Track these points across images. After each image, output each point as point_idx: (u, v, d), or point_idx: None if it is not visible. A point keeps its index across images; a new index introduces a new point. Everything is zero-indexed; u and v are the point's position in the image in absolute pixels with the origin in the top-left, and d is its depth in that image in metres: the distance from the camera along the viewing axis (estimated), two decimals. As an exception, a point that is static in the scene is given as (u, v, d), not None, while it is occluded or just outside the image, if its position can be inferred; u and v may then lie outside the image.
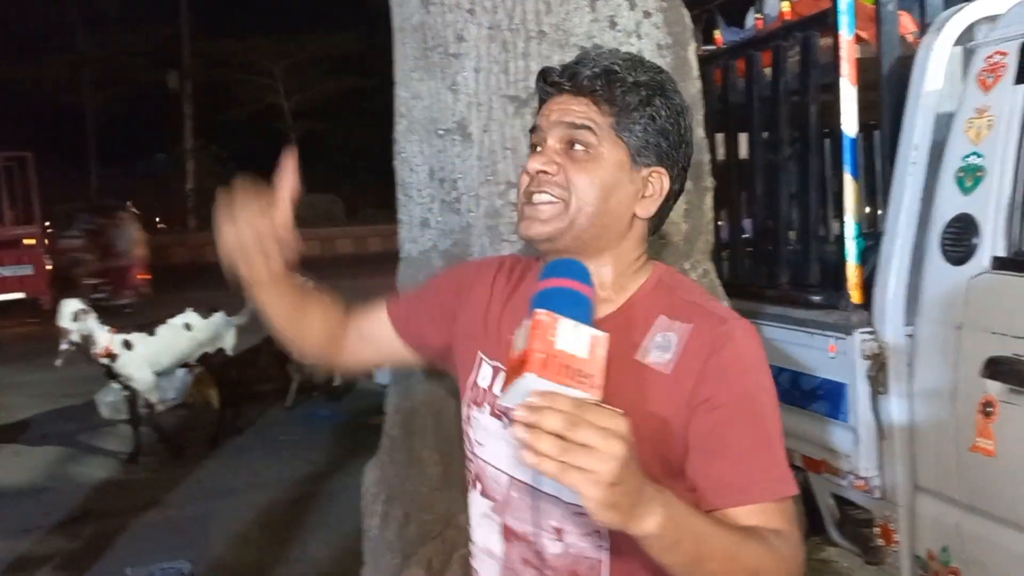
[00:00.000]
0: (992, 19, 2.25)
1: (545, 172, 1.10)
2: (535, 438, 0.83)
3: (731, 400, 1.04)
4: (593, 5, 1.89)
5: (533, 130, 1.15)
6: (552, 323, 0.88)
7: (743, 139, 3.01)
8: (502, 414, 1.14)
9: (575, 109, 1.11)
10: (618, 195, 1.10)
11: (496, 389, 1.16)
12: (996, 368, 2.00)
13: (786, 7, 2.69)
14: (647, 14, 1.95)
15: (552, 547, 1.10)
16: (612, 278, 1.13)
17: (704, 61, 3.19)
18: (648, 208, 1.11)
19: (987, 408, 2.03)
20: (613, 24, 1.91)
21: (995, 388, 2.01)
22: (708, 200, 2.15)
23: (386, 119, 2.14)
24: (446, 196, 1.93)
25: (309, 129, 27.57)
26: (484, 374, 1.19)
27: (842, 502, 2.65)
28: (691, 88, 2.07)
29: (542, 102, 1.16)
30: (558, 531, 1.09)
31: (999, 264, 2.04)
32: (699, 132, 2.11)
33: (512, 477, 1.12)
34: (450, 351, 1.28)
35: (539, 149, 1.13)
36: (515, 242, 1.89)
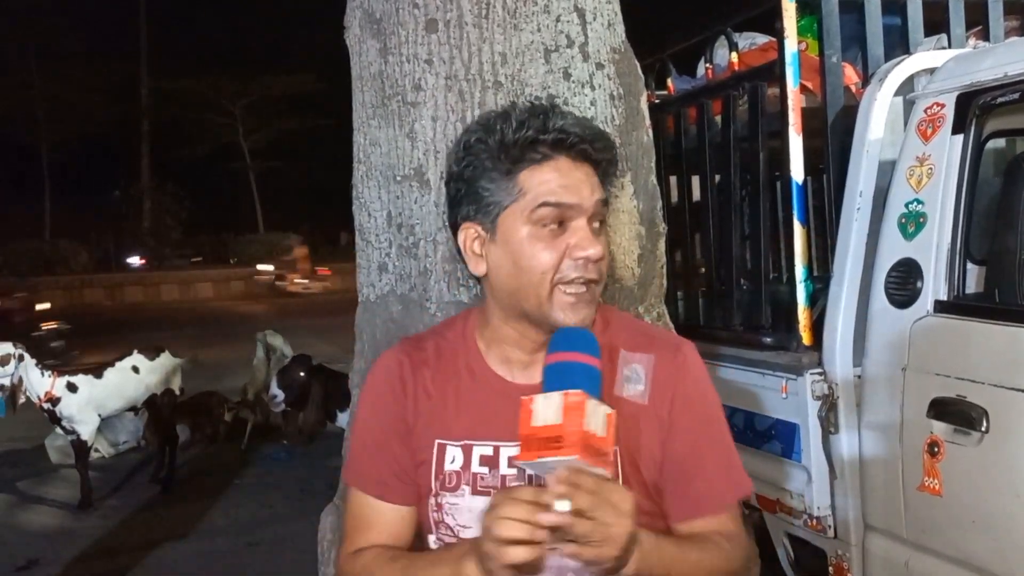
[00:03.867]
0: (930, 71, 2.34)
1: (599, 259, 1.10)
2: (570, 522, 0.92)
3: (700, 422, 1.18)
4: (548, 57, 1.94)
5: (545, 205, 1.09)
6: (582, 404, 0.96)
7: (696, 184, 3.08)
8: (491, 489, 1.15)
9: (596, 183, 1.13)
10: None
11: (476, 468, 1.17)
12: (941, 409, 2.06)
13: (735, 58, 2.77)
14: (600, 66, 2.00)
15: None
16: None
17: (657, 108, 3.29)
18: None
19: (933, 448, 2.09)
20: (567, 75, 1.96)
21: (940, 428, 2.07)
22: (661, 245, 2.19)
23: (346, 159, 2.16)
24: (404, 241, 1.95)
25: (268, 168, 27.50)
26: (452, 457, 1.18)
27: (796, 541, 2.68)
28: (643, 136, 2.13)
29: (524, 161, 1.11)
30: None
31: (941, 308, 2.11)
32: (651, 179, 2.17)
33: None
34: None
35: (559, 225, 1.10)
36: (471, 287, 1.92)
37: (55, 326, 12.20)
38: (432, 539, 1.20)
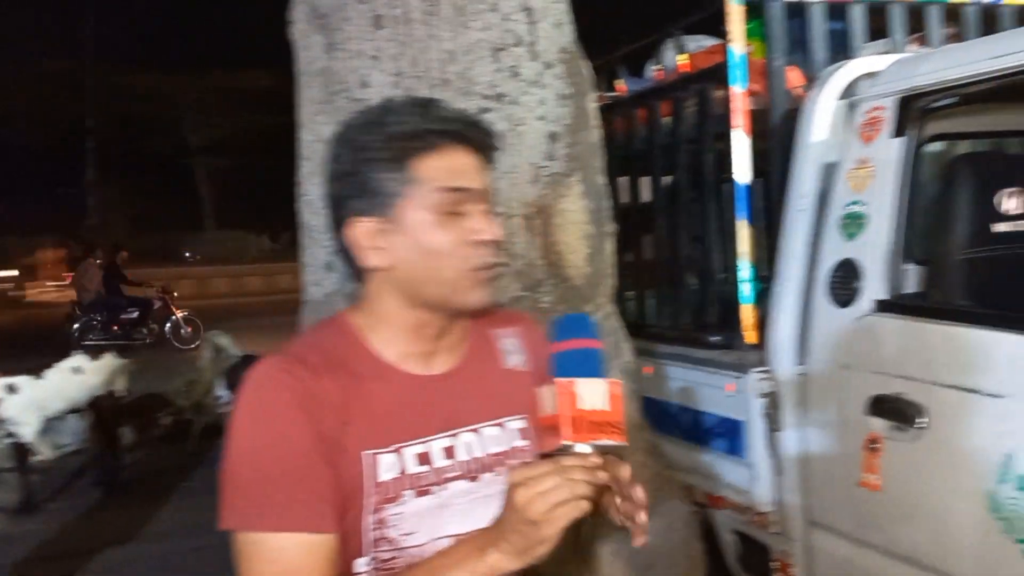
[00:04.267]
0: (872, 75, 2.39)
1: (500, 241, 1.15)
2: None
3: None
4: (496, 55, 1.95)
5: (443, 190, 1.11)
6: (569, 388, 1.02)
7: (645, 184, 3.11)
8: (431, 487, 1.15)
9: (487, 171, 1.17)
10: None
11: (412, 469, 1.14)
12: (880, 406, 2.10)
13: (683, 60, 2.80)
14: (548, 65, 2.02)
15: None
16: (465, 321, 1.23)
17: (608, 109, 3.31)
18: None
19: (872, 444, 2.13)
20: (516, 74, 1.97)
21: (879, 425, 2.11)
22: (609, 244, 2.21)
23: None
24: (350, 239, 1.94)
25: (220, 165, 27.07)
26: (387, 466, 1.13)
27: (742, 537, 2.72)
28: (591, 137, 2.15)
29: (418, 150, 1.12)
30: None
31: (880, 307, 2.15)
32: (599, 179, 2.19)
33: (457, 535, 1.12)
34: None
35: (459, 210, 1.13)
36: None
37: None
38: (364, 562, 1.12)
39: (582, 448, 1.01)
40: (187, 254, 26.68)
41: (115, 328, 12.61)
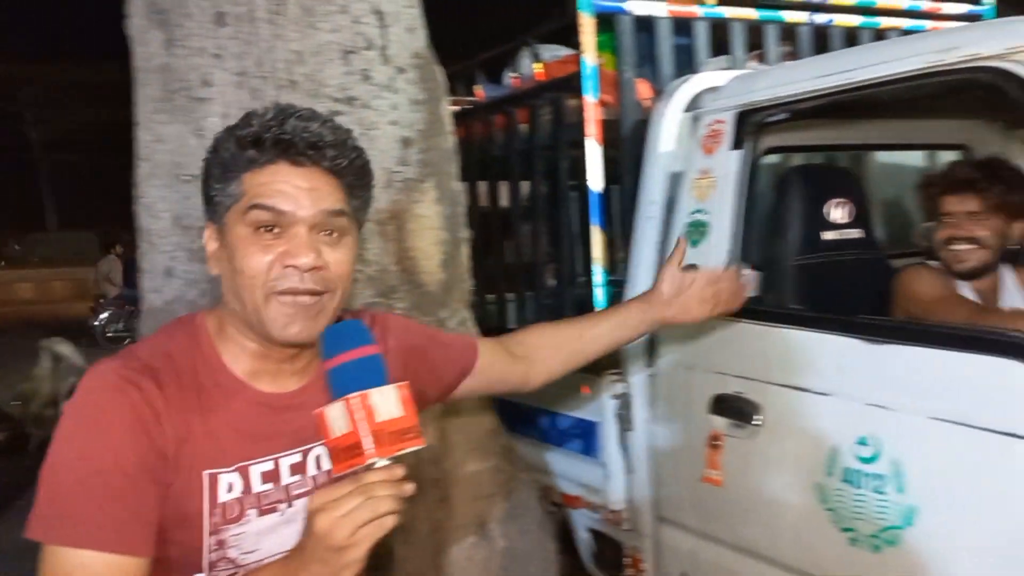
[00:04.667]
0: (714, 90, 2.50)
1: (317, 268, 1.07)
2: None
3: (415, 334, 1.40)
4: (346, 58, 1.92)
5: (256, 207, 1.06)
6: (365, 401, 0.97)
7: (504, 190, 3.14)
8: (276, 504, 1.13)
9: (327, 190, 1.09)
10: (352, 272, 1.15)
11: (258, 488, 1.12)
12: (721, 405, 2.21)
13: (539, 68, 2.85)
14: (401, 70, 2.01)
15: None
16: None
17: (467, 114, 3.32)
18: (352, 275, 1.17)
19: (714, 442, 2.23)
20: (367, 78, 1.95)
21: (720, 423, 2.21)
22: (464, 250, 2.22)
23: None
24: (191, 244, 1.86)
25: (63, 161, 25.40)
26: (229, 485, 1.10)
27: (597, 535, 2.79)
28: (445, 143, 2.15)
29: (247, 163, 1.08)
30: None
31: (722, 310, 2.26)
32: (454, 185, 2.19)
33: None
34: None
35: (275, 231, 1.07)
36: (266, 292, 1.86)
37: None
38: None
39: (382, 462, 0.97)
40: (16, 247, 24.74)
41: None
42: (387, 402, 0.98)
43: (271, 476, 1.13)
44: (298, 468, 1.16)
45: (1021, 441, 1.61)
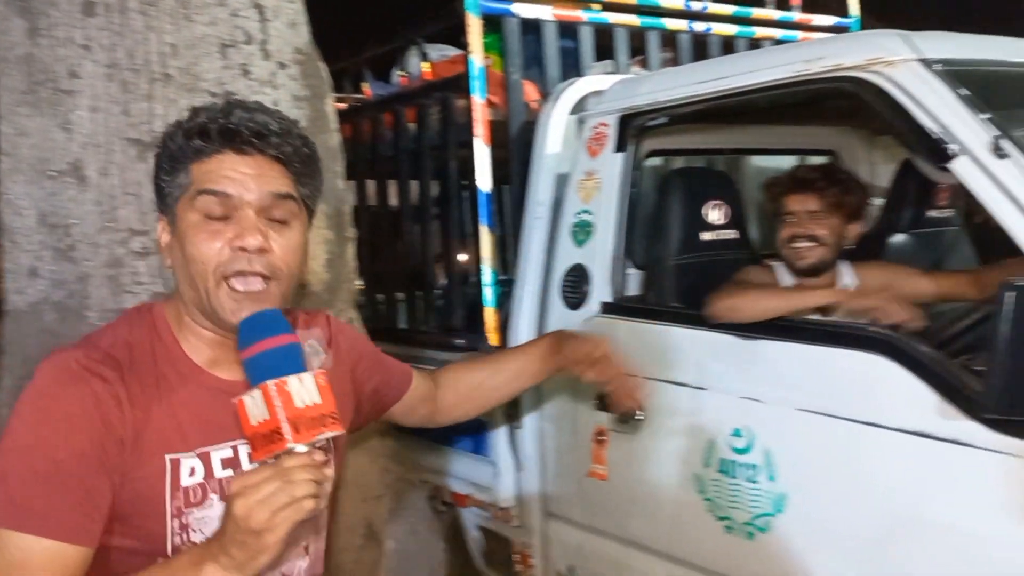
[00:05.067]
0: (598, 94, 2.56)
1: (263, 250, 1.11)
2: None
3: (364, 348, 1.50)
4: (224, 52, 1.86)
5: (204, 192, 1.11)
6: (283, 387, 0.98)
7: (392, 189, 3.12)
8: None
9: (272, 176, 1.13)
10: (302, 259, 1.20)
11: (219, 473, 1.15)
12: (605, 401, 2.26)
13: (426, 67, 2.85)
14: (282, 65, 1.97)
15: (303, 564, 1.24)
16: None
17: (354, 112, 3.29)
18: (306, 264, 1.24)
19: (599, 437, 2.28)
20: (246, 73, 1.90)
21: (605, 419, 2.27)
22: (350, 249, 2.20)
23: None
24: (58, 243, 1.77)
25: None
26: (191, 469, 1.14)
27: (487, 533, 2.81)
28: (330, 140, 2.12)
29: (194, 153, 1.12)
30: (305, 548, 1.24)
31: (606, 309, 2.31)
32: (339, 183, 2.16)
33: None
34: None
35: (223, 218, 1.11)
36: (139, 293, 1.79)
37: None
38: None
39: (300, 448, 0.99)
40: None
41: None
42: (305, 388, 1.00)
43: (231, 463, 1.17)
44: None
45: (881, 430, 1.72)
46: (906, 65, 1.79)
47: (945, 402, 1.62)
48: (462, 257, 2.90)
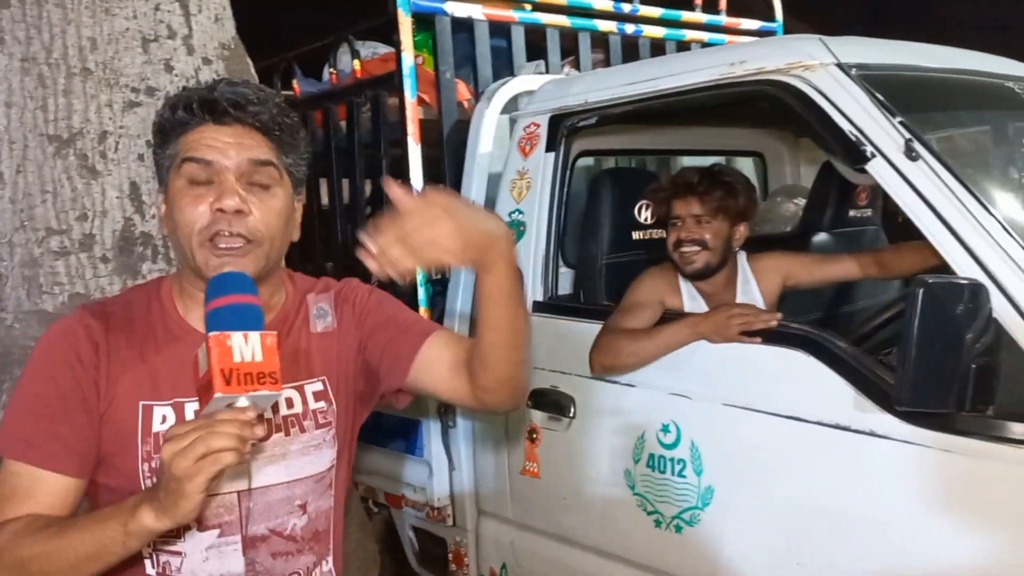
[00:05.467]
0: (530, 93, 2.57)
1: (241, 212, 1.15)
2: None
3: (381, 301, 1.41)
4: (146, 46, 1.82)
5: (187, 160, 1.16)
6: (224, 340, 1.01)
7: (324, 187, 3.08)
8: None
9: (252, 143, 1.18)
10: (290, 225, 1.26)
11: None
12: (538, 398, 2.28)
13: (357, 65, 2.82)
14: (207, 60, 1.93)
15: (299, 522, 1.26)
16: (271, 292, 1.30)
17: (285, 109, 3.23)
18: (297, 232, 1.30)
19: (532, 435, 2.30)
20: (169, 68, 1.86)
21: (538, 416, 2.28)
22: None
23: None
24: (-28, 243, 1.71)
25: None
26: (162, 417, 1.20)
27: (420, 533, 2.80)
28: (257, 138, 2.08)
29: (179, 125, 1.18)
30: (302, 507, 1.27)
31: (538, 307, 2.33)
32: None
33: (240, 491, 1.21)
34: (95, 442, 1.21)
35: (207, 182, 1.16)
36: (56, 294, 1.73)
37: None
38: None
39: (241, 402, 1.01)
40: None
41: None
42: (248, 345, 1.03)
43: None
44: None
45: (802, 424, 1.77)
46: (825, 69, 1.85)
47: (861, 396, 1.68)
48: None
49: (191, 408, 1.20)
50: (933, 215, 1.64)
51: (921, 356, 1.46)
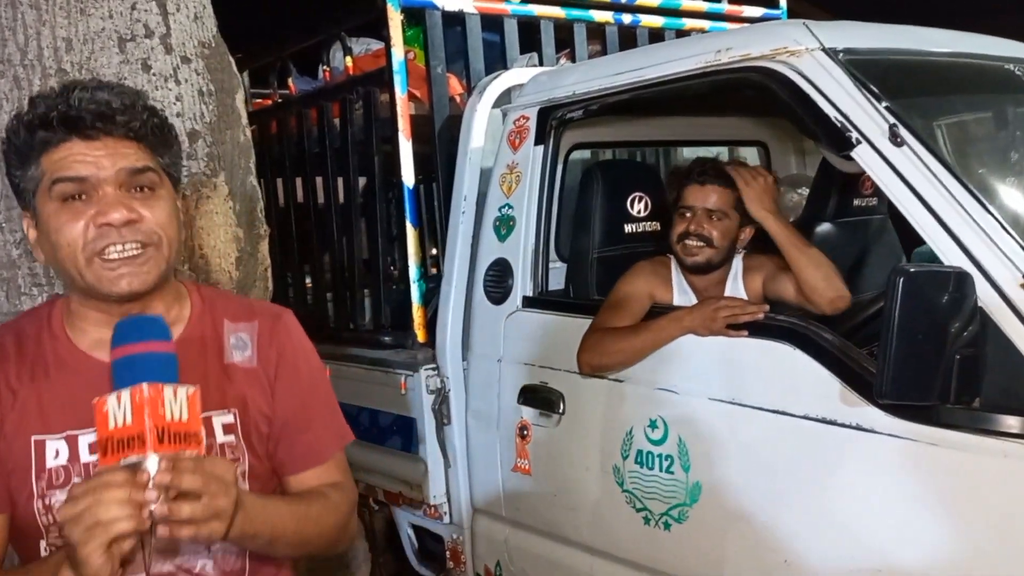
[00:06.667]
0: (521, 87, 2.54)
1: (132, 221, 1.09)
2: (176, 508, 0.95)
3: (304, 378, 1.28)
4: (122, 46, 1.81)
5: (58, 181, 1.09)
6: (157, 395, 0.95)
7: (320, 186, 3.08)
8: None
9: (125, 151, 1.11)
10: (180, 225, 1.19)
11: (86, 458, 1.14)
12: (528, 395, 2.25)
13: (349, 62, 2.81)
14: (186, 60, 1.92)
15: (207, 562, 1.19)
16: (169, 305, 1.22)
17: (280, 108, 3.24)
18: (184, 231, 1.26)
19: (523, 431, 2.27)
20: (147, 67, 1.85)
21: (528, 413, 2.26)
22: (263, 247, 2.15)
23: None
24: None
25: None
26: (55, 451, 1.14)
27: (419, 530, 2.79)
28: (239, 136, 2.07)
29: (42, 144, 1.10)
30: (207, 546, 1.17)
31: (528, 303, 2.31)
32: (250, 180, 2.12)
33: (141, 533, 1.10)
34: None
35: (83, 198, 1.09)
36: (36, 295, 1.74)
37: None
38: (43, 544, 1.15)
39: (151, 464, 0.95)
40: None
41: None
42: (178, 403, 0.98)
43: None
44: None
45: (789, 418, 1.73)
46: (810, 54, 1.80)
47: (847, 389, 1.64)
48: (388, 254, 2.87)
49: (84, 440, 1.13)
50: (918, 202, 1.59)
51: (901, 347, 1.42)
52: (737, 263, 2.17)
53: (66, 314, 1.21)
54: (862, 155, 1.69)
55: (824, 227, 2.80)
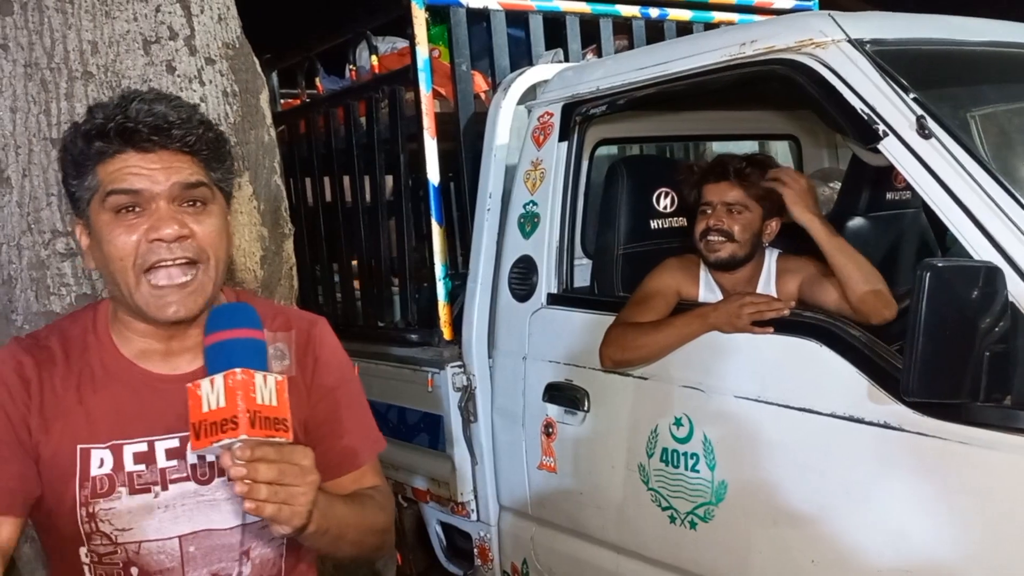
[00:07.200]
0: (546, 83, 2.53)
1: (183, 237, 1.10)
2: (253, 490, 0.97)
3: (338, 385, 1.28)
4: (147, 48, 1.83)
5: (112, 193, 1.10)
6: (250, 380, 0.97)
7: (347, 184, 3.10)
8: (150, 486, 1.15)
9: (180, 166, 1.12)
10: (229, 242, 1.20)
11: (130, 467, 1.14)
12: (553, 393, 2.24)
13: (375, 61, 2.82)
14: (210, 61, 1.94)
15: (245, 569, 1.19)
16: None
17: (307, 107, 3.26)
18: (232, 247, 1.26)
19: (548, 429, 2.27)
20: (171, 69, 1.87)
21: (554, 411, 2.25)
22: (288, 246, 2.17)
23: None
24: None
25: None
26: (100, 461, 1.14)
27: (447, 527, 2.79)
28: (264, 135, 2.09)
29: (98, 155, 1.11)
30: (245, 553, 1.19)
31: (552, 300, 2.30)
32: (275, 179, 2.14)
33: (182, 536, 1.15)
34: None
35: (136, 210, 1.10)
36: (65, 296, 1.77)
37: None
38: (84, 551, 1.15)
39: (214, 452, 0.99)
40: None
41: None
42: (267, 387, 1.00)
43: (144, 457, 1.15)
44: (175, 453, 1.16)
45: (816, 416, 1.70)
46: (836, 46, 1.77)
47: (875, 386, 1.61)
48: (415, 252, 2.87)
49: (129, 450, 1.14)
50: (947, 195, 1.55)
51: (929, 343, 1.39)
52: (771, 264, 2.10)
53: (112, 320, 1.21)
54: (889, 148, 1.65)
55: (856, 221, 2.74)
